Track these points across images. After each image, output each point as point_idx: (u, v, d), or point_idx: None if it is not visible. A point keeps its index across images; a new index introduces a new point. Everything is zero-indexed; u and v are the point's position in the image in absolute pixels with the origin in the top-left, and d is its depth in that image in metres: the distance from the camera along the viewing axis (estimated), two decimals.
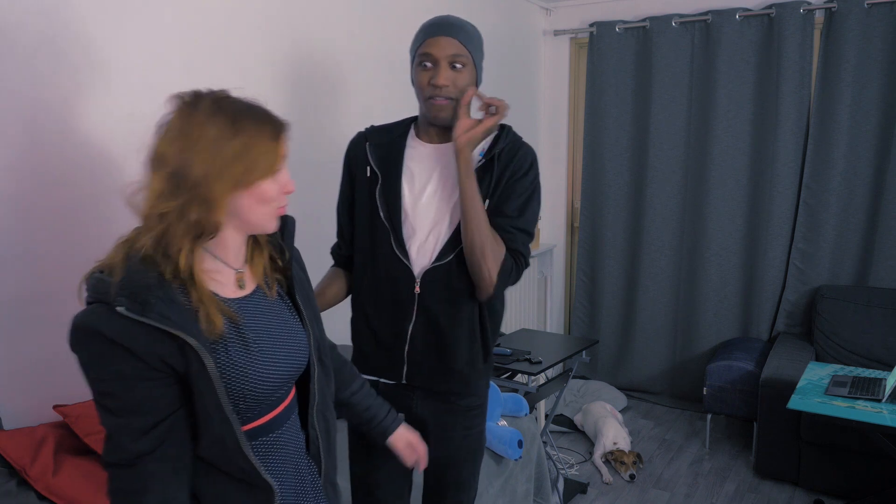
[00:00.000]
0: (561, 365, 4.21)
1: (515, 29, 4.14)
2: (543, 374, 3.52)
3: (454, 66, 1.51)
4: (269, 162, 1.04)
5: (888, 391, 2.67)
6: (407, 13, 3.17)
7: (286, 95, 2.61)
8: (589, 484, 3.26)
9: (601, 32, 4.17)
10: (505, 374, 2.97)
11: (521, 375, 3.12)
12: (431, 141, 1.62)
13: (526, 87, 4.34)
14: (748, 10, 3.77)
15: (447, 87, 1.50)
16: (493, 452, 2.40)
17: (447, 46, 1.49)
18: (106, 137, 2.02)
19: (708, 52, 3.89)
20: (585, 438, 3.78)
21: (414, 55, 1.56)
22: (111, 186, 2.04)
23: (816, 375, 2.98)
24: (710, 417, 3.68)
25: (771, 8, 3.69)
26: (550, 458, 3.04)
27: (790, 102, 3.69)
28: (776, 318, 3.92)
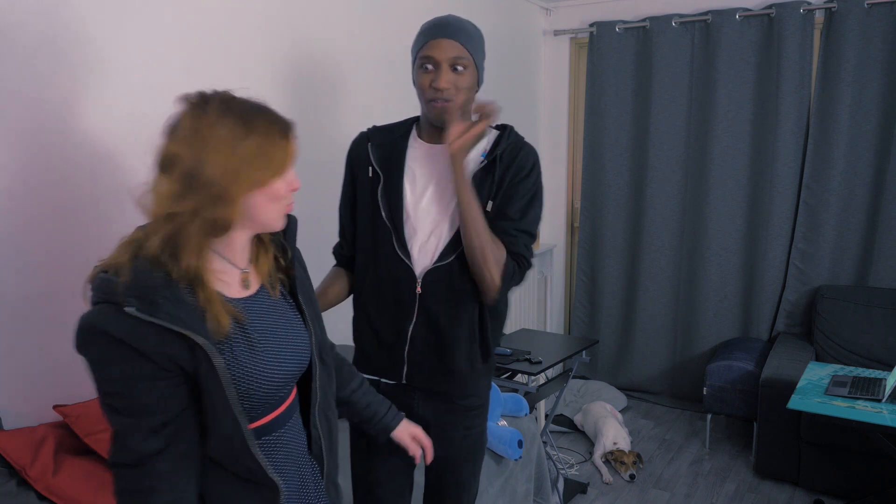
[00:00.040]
0: (561, 365, 4.22)
1: (515, 29, 4.14)
2: (543, 374, 3.52)
3: (455, 68, 1.50)
4: (281, 160, 1.05)
5: (888, 391, 2.67)
6: (407, 13, 3.17)
7: (286, 95, 2.61)
8: (589, 484, 3.26)
9: (601, 32, 4.17)
10: (505, 374, 2.97)
11: (521, 375, 3.12)
12: (433, 141, 1.62)
13: (526, 87, 4.34)
14: (748, 10, 3.77)
15: (448, 90, 1.50)
16: (493, 452, 2.40)
17: (448, 49, 1.49)
18: (106, 137, 2.02)
19: (708, 52, 3.89)
20: (585, 438, 3.78)
21: (415, 57, 1.56)
22: (111, 186, 2.04)
23: (816, 375, 2.98)
24: (710, 417, 3.68)
25: (771, 8, 3.69)
26: (550, 458, 3.04)
27: (790, 102, 3.69)
28: (776, 318, 3.92)
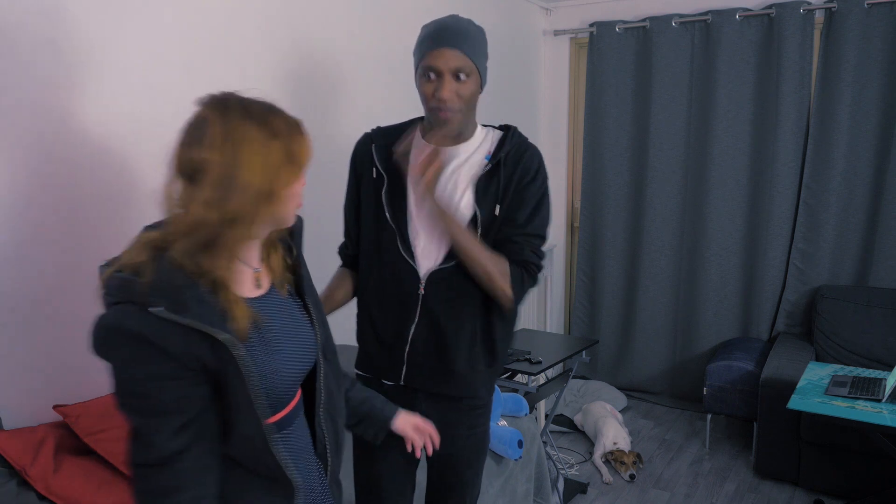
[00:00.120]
0: (561, 365, 4.22)
1: (515, 29, 4.14)
2: (543, 374, 3.52)
3: (458, 76, 1.50)
4: (303, 158, 1.06)
5: (888, 391, 2.67)
6: (407, 13, 3.17)
7: (286, 95, 2.61)
8: (589, 484, 3.26)
9: (601, 32, 4.17)
10: (505, 374, 2.97)
11: (521, 375, 3.12)
12: (437, 142, 1.62)
13: (526, 87, 4.34)
14: (748, 10, 3.77)
15: (452, 100, 1.50)
16: (493, 452, 2.40)
17: (451, 59, 1.48)
18: (106, 137, 2.02)
19: (708, 52, 3.89)
20: (585, 438, 3.78)
21: (417, 64, 1.55)
22: (112, 186, 2.04)
23: (816, 375, 2.98)
24: (710, 417, 3.68)
25: (771, 8, 3.69)
26: (550, 458, 3.04)
27: (790, 102, 3.69)
28: (776, 318, 3.92)
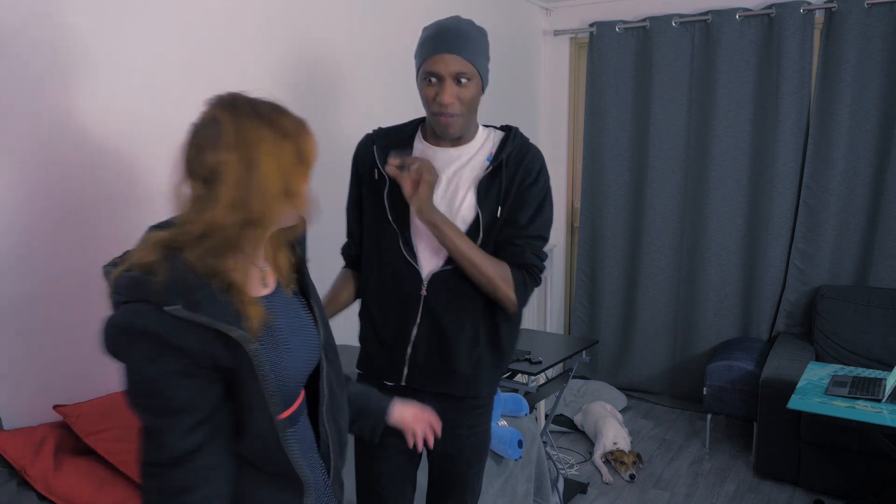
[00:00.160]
0: (561, 365, 4.22)
1: (515, 29, 4.14)
2: (543, 374, 3.52)
3: (459, 81, 1.50)
4: (312, 156, 1.07)
5: (888, 391, 2.67)
6: (407, 13, 3.17)
7: (286, 95, 2.60)
8: (589, 484, 3.26)
9: (601, 32, 4.17)
10: (505, 374, 2.97)
11: (521, 375, 3.12)
12: (439, 144, 1.62)
13: (526, 87, 4.34)
14: (748, 10, 3.77)
15: (453, 104, 1.50)
16: (493, 452, 2.40)
17: (451, 63, 1.48)
18: (106, 137, 2.02)
19: (708, 52, 3.89)
20: (585, 438, 3.78)
21: (418, 68, 1.55)
22: (112, 187, 2.04)
23: (816, 375, 2.98)
24: (710, 417, 3.68)
25: (771, 8, 3.69)
26: (550, 458, 3.04)
27: (790, 102, 3.69)
28: (776, 318, 3.92)
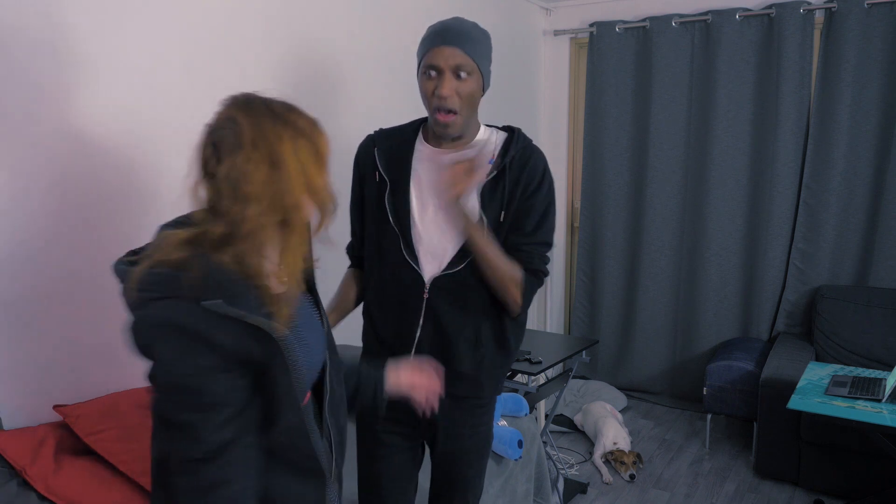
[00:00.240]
0: (561, 365, 4.22)
1: (515, 29, 4.14)
2: (543, 374, 3.52)
3: (458, 75, 1.49)
4: (327, 154, 1.09)
5: (888, 391, 2.67)
6: (407, 13, 3.17)
7: (286, 95, 2.61)
8: (589, 484, 3.26)
9: (601, 32, 4.17)
10: (506, 374, 2.97)
11: (521, 375, 3.12)
12: (440, 146, 1.61)
13: (526, 87, 4.34)
14: (748, 10, 3.77)
15: (451, 97, 1.49)
16: (493, 452, 2.40)
17: (451, 56, 1.48)
18: (105, 138, 2.02)
19: (708, 52, 3.89)
20: (585, 438, 3.78)
21: (419, 63, 1.55)
22: (112, 187, 2.04)
23: (816, 375, 2.98)
24: (710, 417, 3.68)
25: (771, 8, 3.69)
26: (550, 458, 3.04)
27: (790, 102, 3.69)
28: (776, 318, 3.92)
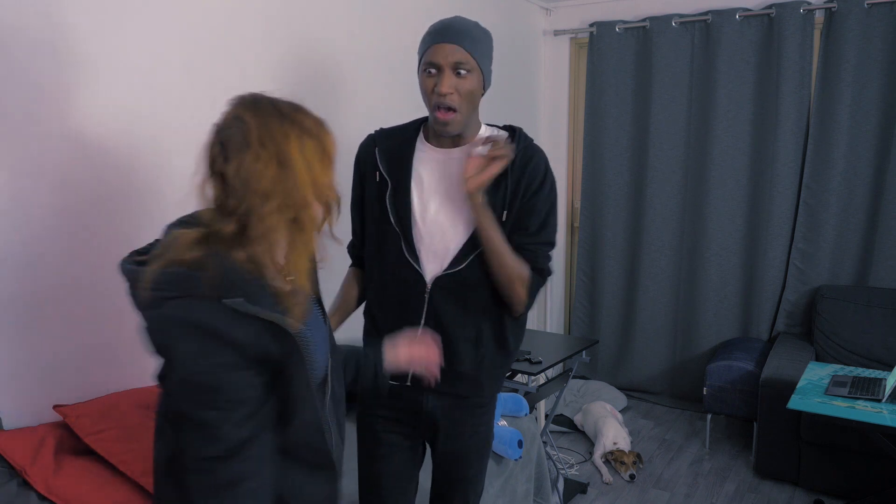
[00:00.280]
0: (561, 365, 4.22)
1: (515, 29, 4.14)
2: (543, 374, 3.52)
3: (458, 72, 1.49)
4: (335, 151, 1.10)
5: (888, 391, 2.67)
6: (407, 13, 3.17)
7: (286, 96, 2.61)
8: (589, 484, 3.26)
9: (601, 32, 4.17)
10: (506, 374, 2.97)
11: (521, 375, 3.12)
12: (441, 145, 1.60)
13: (526, 87, 4.34)
14: (748, 10, 3.77)
15: (451, 94, 1.49)
16: (493, 452, 2.40)
17: (451, 53, 1.48)
18: (106, 137, 2.02)
19: (708, 52, 3.89)
20: (585, 438, 3.78)
21: (420, 60, 1.55)
22: (111, 186, 2.04)
23: (816, 375, 2.98)
24: (710, 417, 3.68)
25: (771, 8, 3.69)
26: (550, 458, 3.04)
27: (790, 102, 3.69)
28: (776, 318, 3.92)
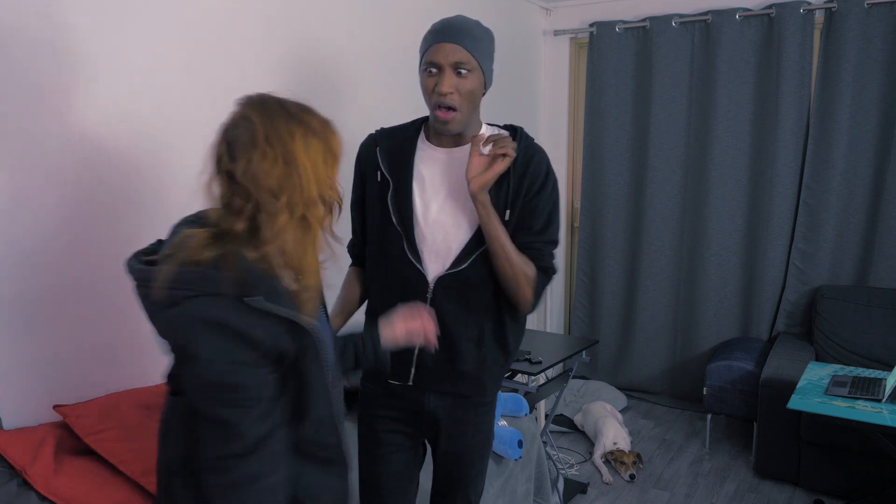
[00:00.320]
0: (561, 365, 4.21)
1: (515, 29, 4.14)
2: (543, 374, 3.52)
3: (459, 72, 1.49)
4: (341, 152, 1.12)
5: (888, 391, 2.67)
6: (407, 13, 3.17)
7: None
8: (589, 484, 3.26)
9: (601, 32, 4.17)
10: (506, 373, 2.97)
11: (521, 375, 3.12)
12: (442, 145, 1.60)
13: (526, 87, 4.34)
14: (748, 10, 3.77)
15: (451, 94, 1.49)
16: (493, 452, 2.40)
17: (451, 53, 1.48)
18: (105, 138, 2.02)
19: (708, 52, 3.89)
20: (585, 438, 3.78)
21: (421, 59, 1.55)
22: (111, 186, 2.04)
23: (816, 375, 2.98)
24: (710, 417, 3.68)
25: (771, 8, 3.69)
26: (550, 458, 3.04)
27: (790, 102, 3.69)
28: (776, 318, 3.92)
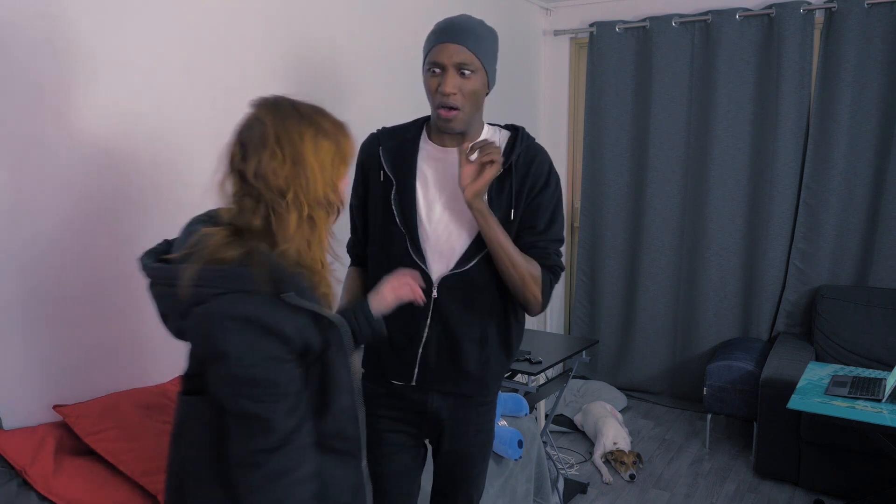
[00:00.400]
0: (561, 365, 4.21)
1: (515, 29, 4.14)
2: (543, 374, 3.52)
3: (462, 72, 1.49)
4: (353, 154, 1.16)
5: (888, 391, 2.67)
6: (407, 13, 3.17)
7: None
8: (589, 484, 3.26)
9: (601, 32, 4.17)
10: (505, 373, 2.97)
11: (521, 375, 3.12)
12: (444, 144, 1.60)
13: (526, 87, 4.34)
14: (748, 10, 3.77)
15: (454, 94, 1.49)
16: (493, 452, 2.40)
17: (455, 53, 1.48)
18: (106, 138, 2.02)
19: (708, 52, 3.89)
20: (585, 438, 3.78)
21: (424, 58, 1.55)
22: (111, 186, 2.04)
23: (816, 375, 2.98)
24: (710, 417, 3.68)
25: (771, 8, 3.69)
26: (550, 458, 3.04)
27: (790, 102, 3.69)
28: (776, 318, 3.92)
